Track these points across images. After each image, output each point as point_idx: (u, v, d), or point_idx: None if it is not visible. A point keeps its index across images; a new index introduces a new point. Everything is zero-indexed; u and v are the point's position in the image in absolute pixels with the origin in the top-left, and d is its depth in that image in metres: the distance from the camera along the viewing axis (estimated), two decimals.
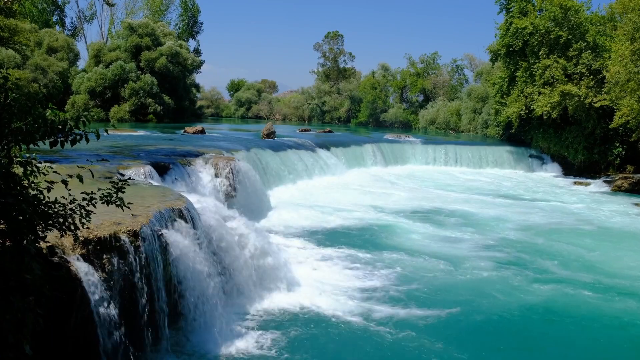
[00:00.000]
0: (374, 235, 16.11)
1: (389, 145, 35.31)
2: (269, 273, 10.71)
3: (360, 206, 20.30)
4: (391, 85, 72.15)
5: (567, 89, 31.18)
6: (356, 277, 12.04)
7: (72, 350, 6.37)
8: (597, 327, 10.09)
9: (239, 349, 8.42)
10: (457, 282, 12.14)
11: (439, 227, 17.51)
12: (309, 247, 14.35)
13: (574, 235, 17.32)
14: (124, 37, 52.56)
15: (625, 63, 26.59)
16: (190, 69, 56.75)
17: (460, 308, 10.49)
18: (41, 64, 46.58)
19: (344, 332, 9.27)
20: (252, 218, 12.78)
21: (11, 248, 4.57)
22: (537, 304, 11.02)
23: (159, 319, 7.81)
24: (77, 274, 6.38)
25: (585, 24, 32.93)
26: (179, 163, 16.08)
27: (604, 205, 23.63)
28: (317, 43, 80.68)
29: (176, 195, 10.22)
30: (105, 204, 5.41)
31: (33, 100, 4.67)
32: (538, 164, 35.90)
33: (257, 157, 22.50)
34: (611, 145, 32.64)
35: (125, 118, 47.42)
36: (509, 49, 34.91)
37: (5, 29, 31.11)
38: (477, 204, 22.27)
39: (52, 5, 64.09)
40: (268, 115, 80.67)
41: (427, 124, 63.26)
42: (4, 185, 4.43)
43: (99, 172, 11.92)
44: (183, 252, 8.45)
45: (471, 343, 9.16)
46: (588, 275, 12.90)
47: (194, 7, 71.78)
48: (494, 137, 45.16)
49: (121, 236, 7.30)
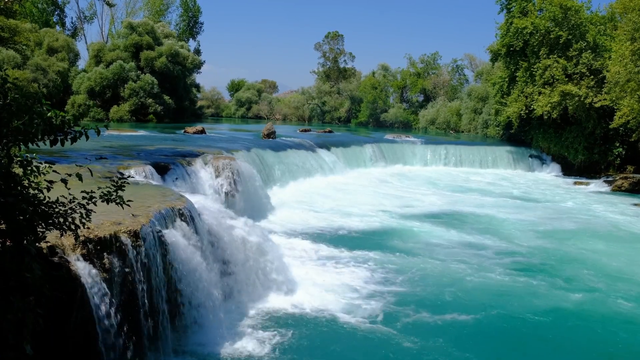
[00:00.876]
0: (376, 235, 16.08)
1: (389, 145, 35.30)
2: (269, 273, 10.69)
3: (361, 206, 20.27)
4: (391, 85, 72.13)
5: (568, 89, 31.18)
6: (358, 278, 12.01)
7: (72, 350, 6.36)
8: (625, 330, 9.99)
9: (239, 349, 8.40)
10: (461, 283, 12.12)
11: (442, 227, 17.51)
12: (309, 246, 14.32)
13: (581, 235, 17.35)
14: (124, 36, 52.54)
15: (626, 63, 26.58)
16: (191, 68, 56.73)
17: (462, 308, 10.48)
18: (41, 64, 46.59)
19: (346, 333, 9.25)
20: (253, 218, 12.75)
21: (11, 248, 4.56)
22: (560, 308, 10.88)
23: (159, 319, 7.80)
24: (77, 274, 6.37)
25: (585, 24, 32.93)
26: (180, 163, 16.07)
27: (604, 205, 23.63)
28: (317, 43, 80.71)
29: (176, 196, 10.21)
30: (106, 204, 5.40)
31: (32, 100, 4.66)
32: (538, 164, 35.89)
33: (258, 157, 22.49)
34: (611, 145, 32.63)
35: (126, 118, 47.41)
36: (509, 48, 34.90)
37: (5, 29, 31.10)
38: (477, 202, 22.26)
39: (52, 5, 64.08)
40: (268, 115, 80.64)
41: (428, 124, 63.24)
42: (4, 185, 4.43)
43: (99, 172, 11.90)
44: (183, 252, 8.44)
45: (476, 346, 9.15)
46: (601, 279, 12.76)
47: (194, 8, 71.77)
48: (494, 137, 45.13)
49: (121, 236, 7.28)
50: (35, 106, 4.64)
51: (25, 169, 4.64)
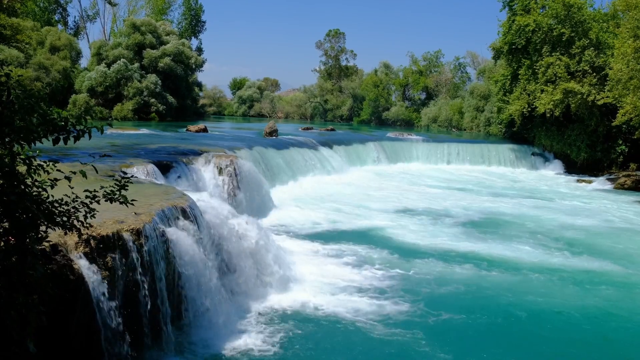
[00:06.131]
0: (379, 234, 16.06)
1: (391, 144, 35.28)
2: (271, 271, 10.71)
3: (363, 204, 20.27)
4: (393, 83, 72.13)
5: (570, 87, 31.12)
6: (361, 276, 12.00)
7: (75, 347, 6.38)
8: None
9: (242, 347, 8.41)
10: (462, 282, 12.13)
11: (446, 226, 17.52)
12: (311, 244, 14.33)
13: (584, 232, 17.38)
14: (127, 35, 52.56)
15: (628, 60, 26.50)
16: (193, 67, 56.71)
17: (464, 308, 10.49)
18: (44, 63, 46.61)
19: (348, 331, 9.24)
20: (255, 216, 12.77)
21: (14, 246, 4.58)
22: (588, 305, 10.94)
23: (161, 317, 7.82)
24: (80, 272, 6.39)
25: (588, 22, 32.84)
26: (182, 161, 16.10)
27: (605, 202, 23.62)
28: (318, 41, 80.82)
29: (179, 194, 10.22)
30: (109, 202, 5.41)
31: (35, 98, 4.67)
32: (541, 162, 35.85)
33: (260, 156, 22.50)
34: (614, 143, 32.58)
35: (128, 117, 47.47)
36: (512, 46, 34.83)
37: (7, 28, 31.16)
38: (478, 202, 22.26)
39: (54, 3, 64.13)
40: (270, 113, 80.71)
41: (430, 122, 63.22)
42: (7, 183, 4.44)
43: (102, 171, 11.93)
44: (186, 250, 8.46)
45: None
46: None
47: (197, 6, 71.72)
48: (496, 135, 45.09)
49: (124, 234, 7.30)
50: (39, 105, 4.65)
51: (29, 167, 4.65)
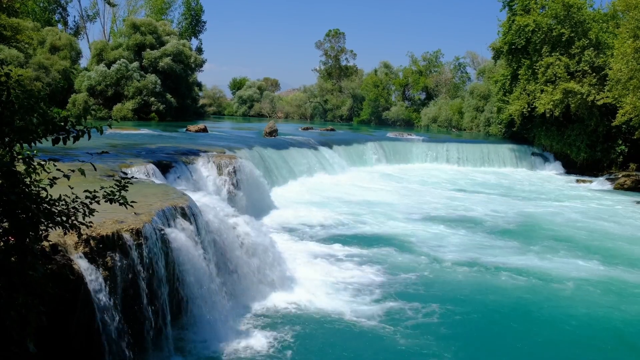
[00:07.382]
0: (378, 234, 16.07)
1: (391, 144, 35.29)
2: (271, 271, 10.70)
3: (363, 204, 20.28)
4: (393, 83, 72.17)
5: (570, 87, 31.13)
6: (361, 276, 11.99)
7: (75, 347, 6.38)
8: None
9: (242, 348, 8.41)
10: (463, 282, 12.13)
11: (447, 227, 17.52)
12: (311, 245, 14.33)
13: (588, 231, 17.39)
14: (127, 35, 52.57)
15: (628, 61, 26.52)
16: (193, 67, 56.74)
17: (466, 307, 10.49)
18: (44, 63, 46.64)
19: (348, 331, 9.23)
20: (255, 216, 12.78)
21: (14, 246, 4.58)
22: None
23: (161, 318, 7.81)
24: (80, 272, 6.39)
25: (587, 22, 32.86)
26: (182, 161, 16.09)
27: (606, 202, 23.62)
28: (318, 41, 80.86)
29: (179, 194, 10.21)
30: (109, 203, 5.41)
31: (35, 98, 4.67)
32: (541, 162, 35.85)
33: (260, 156, 22.50)
34: (614, 143, 32.58)
35: (128, 117, 47.47)
36: (512, 46, 34.84)
37: (7, 28, 31.15)
38: (478, 201, 22.26)
39: (54, 3, 64.12)
40: (270, 113, 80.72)
41: (429, 122, 63.24)
42: (7, 183, 4.43)
43: (102, 171, 11.92)
44: (185, 251, 8.45)
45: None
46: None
47: (197, 6, 71.71)
48: (496, 135, 45.11)
49: (124, 234, 7.30)
50: (37, 105, 4.64)
51: (28, 166, 4.65)
